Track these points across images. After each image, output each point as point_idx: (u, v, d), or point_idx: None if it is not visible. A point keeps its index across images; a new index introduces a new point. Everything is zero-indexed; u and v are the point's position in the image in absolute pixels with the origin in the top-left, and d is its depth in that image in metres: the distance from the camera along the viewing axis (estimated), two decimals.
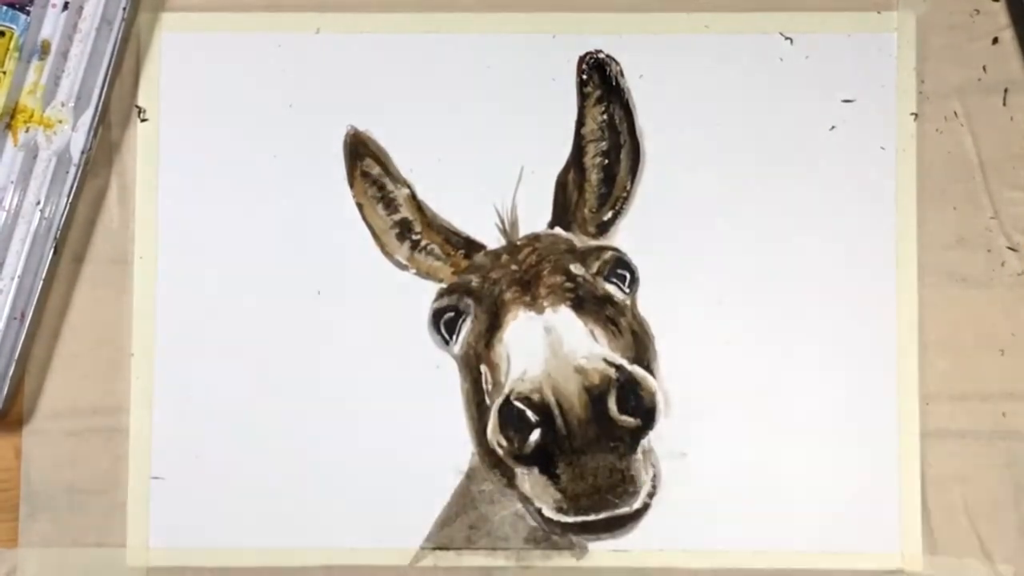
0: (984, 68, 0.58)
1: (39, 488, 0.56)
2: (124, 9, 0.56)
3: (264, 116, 0.58)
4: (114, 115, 0.58)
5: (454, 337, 0.56)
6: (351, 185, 0.57)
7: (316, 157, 0.57)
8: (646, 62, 0.57)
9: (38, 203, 0.55)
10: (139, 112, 0.58)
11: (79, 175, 0.55)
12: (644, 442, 0.55)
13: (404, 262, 0.57)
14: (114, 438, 0.56)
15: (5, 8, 0.56)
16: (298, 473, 0.56)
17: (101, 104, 0.56)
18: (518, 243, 0.57)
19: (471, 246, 0.57)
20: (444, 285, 0.57)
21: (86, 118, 0.56)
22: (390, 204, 0.57)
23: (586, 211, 0.57)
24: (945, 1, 0.58)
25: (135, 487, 0.56)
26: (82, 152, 0.56)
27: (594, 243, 0.56)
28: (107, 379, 0.57)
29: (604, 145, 0.57)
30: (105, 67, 0.56)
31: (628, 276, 0.56)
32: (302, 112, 0.58)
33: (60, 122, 0.56)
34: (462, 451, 0.56)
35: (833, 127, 0.58)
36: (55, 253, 0.55)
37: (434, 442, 0.56)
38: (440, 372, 0.56)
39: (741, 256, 0.57)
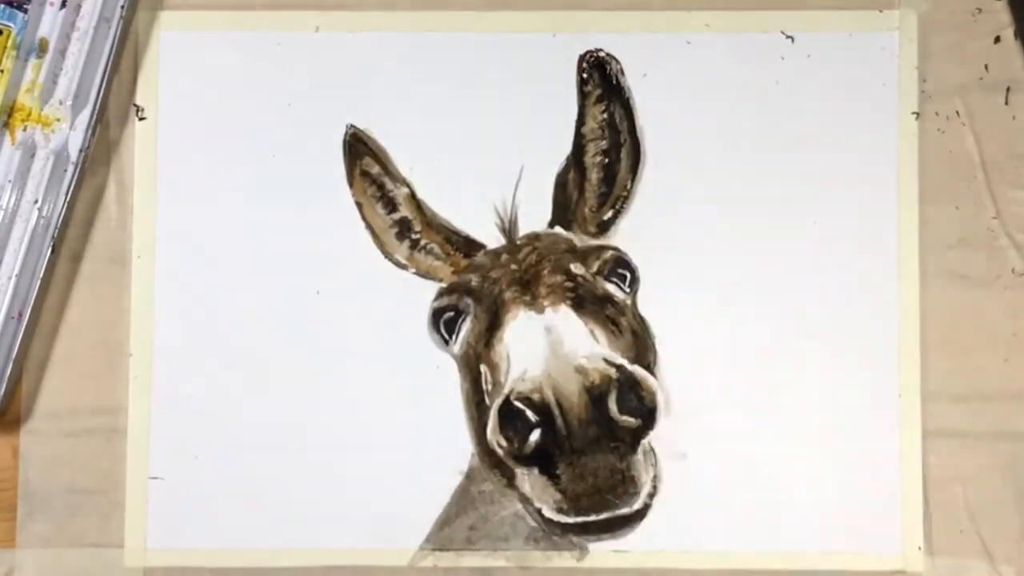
0: (986, 67, 0.58)
1: (37, 488, 0.56)
2: (122, 7, 0.55)
3: (263, 115, 0.57)
4: (112, 114, 0.57)
5: (454, 337, 0.56)
6: (350, 184, 0.57)
7: (315, 156, 0.57)
8: (647, 61, 0.57)
9: (36, 202, 0.55)
10: (137, 111, 0.57)
11: (77, 174, 0.55)
12: (644, 442, 0.54)
13: (404, 261, 0.57)
14: (112, 438, 0.56)
15: (3, 6, 0.56)
16: (297, 474, 0.56)
17: (99, 103, 0.56)
18: (518, 242, 0.56)
19: (471, 245, 0.56)
20: (444, 285, 0.56)
21: (84, 117, 0.56)
22: (389, 203, 0.57)
23: (586, 210, 0.57)
24: (947, 0, 0.58)
25: (133, 487, 0.56)
26: (80, 151, 0.55)
27: (594, 242, 0.56)
28: (105, 379, 0.56)
29: (604, 144, 0.57)
30: (103, 65, 0.56)
31: (628, 276, 0.56)
32: (301, 111, 0.57)
33: (58, 120, 0.56)
34: (462, 451, 0.56)
35: (834, 126, 0.57)
36: (53, 252, 0.55)
37: (434, 442, 0.56)
38: (440, 372, 0.56)
39: (742, 256, 0.56)
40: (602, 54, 0.57)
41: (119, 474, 0.56)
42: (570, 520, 0.54)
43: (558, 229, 0.57)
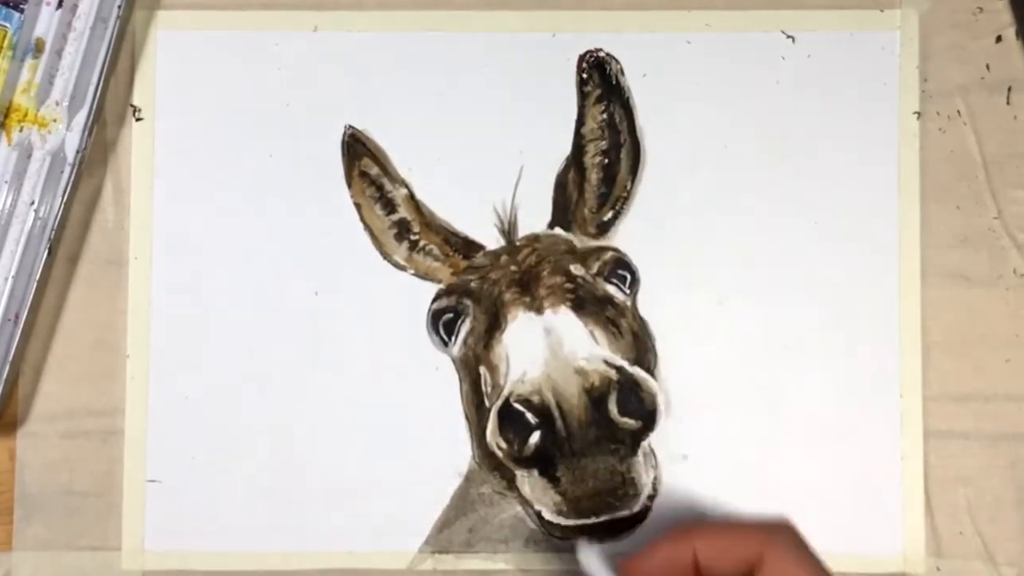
0: (987, 67, 0.57)
1: (34, 491, 0.56)
2: (119, 7, 0.55)
3: (261, 115, 0.57)
4: (109, 114, 0.57)
5: (453, 339, 0.55)
6: (349, 185, 0.57)
7: (313, 157, 0.57)
8: (646, 60, 0.57)
9: (32, 203, 0.55)
10: (134, 111, 0.57)
11: (74, 175, 0.55)
12: (645, 444, 0.54)
13: (402, 263, 0.56)
14: (109, 440, 0.56)
15: (0, 6, 0.55)
16: (295, 476, 0.56)
17: (96, 103, 0.55)
18: (517, 243, 0.56)
19: (470, 247, 0.56)
20: (443, 286, 0.56)
21: (81, 117, 0.55)
22: (388, 204, 0.57)
23: (586, 211, 0.56)
24: None
25: (130, 490, 0.56)
26: (76, 152, 0.55)
27: (594, 243, 0.56)
28: (102, 381, 0.56)
29: (604, 144, 0.56)
30: (100, 66, 0.55)
31: (628, 277, 0.56)
32: (299, 111, 0.57)
33: (55, 121, 0.55)
34: (461, 454, 0.56)
35: (835, 126, 0.57)
36: (50, 254, 0.55)
37: (433, 445, 0.56)
38: (439, 374, 0.56)
39: (742, 256, 0.56)
40: (602, 54, 0.57)
41: (116, 476, 0.56)
42: (570, 522, 0.54)
43: (558, 230, 0.56)
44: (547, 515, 0.54)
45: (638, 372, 0.54)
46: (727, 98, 0.57)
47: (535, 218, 0.57)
